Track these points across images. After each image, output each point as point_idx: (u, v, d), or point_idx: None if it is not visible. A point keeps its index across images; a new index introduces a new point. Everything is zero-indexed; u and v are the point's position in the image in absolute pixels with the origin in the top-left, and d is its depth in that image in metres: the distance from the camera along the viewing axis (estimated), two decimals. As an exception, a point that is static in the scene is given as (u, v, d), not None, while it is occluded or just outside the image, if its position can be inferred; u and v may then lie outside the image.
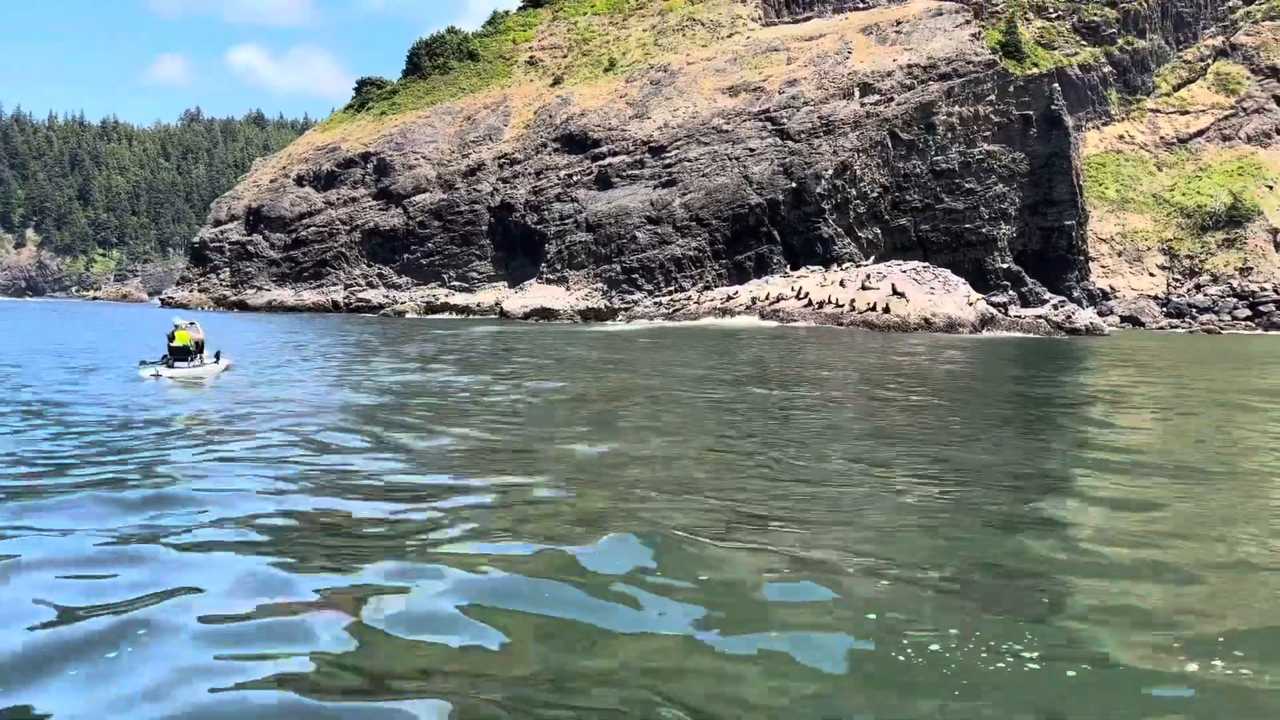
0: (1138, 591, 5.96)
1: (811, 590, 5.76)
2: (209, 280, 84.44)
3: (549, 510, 7.96)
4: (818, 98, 68.29)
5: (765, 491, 8.74)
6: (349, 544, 6.88)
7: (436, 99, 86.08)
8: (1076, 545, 7.09)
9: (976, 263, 63.14)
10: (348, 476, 9.39)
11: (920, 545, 6.94)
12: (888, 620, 5.24)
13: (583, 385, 20.10)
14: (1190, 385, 23.57)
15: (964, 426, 14.50)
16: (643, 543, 6.67)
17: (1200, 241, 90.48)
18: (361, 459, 10.42)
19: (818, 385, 21.01)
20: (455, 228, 74.79)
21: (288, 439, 11.67)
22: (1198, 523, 7.92)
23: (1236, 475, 10.54)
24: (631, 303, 62.36)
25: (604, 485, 9.00)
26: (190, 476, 9.18)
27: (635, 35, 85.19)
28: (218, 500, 8.15)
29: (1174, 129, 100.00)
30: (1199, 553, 6.86)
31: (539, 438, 12.29)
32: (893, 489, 9.06)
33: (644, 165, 70.02)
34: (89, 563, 6.28)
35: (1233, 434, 14.40)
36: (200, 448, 10.97)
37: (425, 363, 24.93)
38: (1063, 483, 10.09)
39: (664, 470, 9.83)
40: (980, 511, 8.18)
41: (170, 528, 7.20)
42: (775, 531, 7.21)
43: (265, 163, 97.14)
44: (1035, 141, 66.06)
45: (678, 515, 7.63)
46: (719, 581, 5.92)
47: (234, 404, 15.56)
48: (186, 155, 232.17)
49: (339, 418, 13.99)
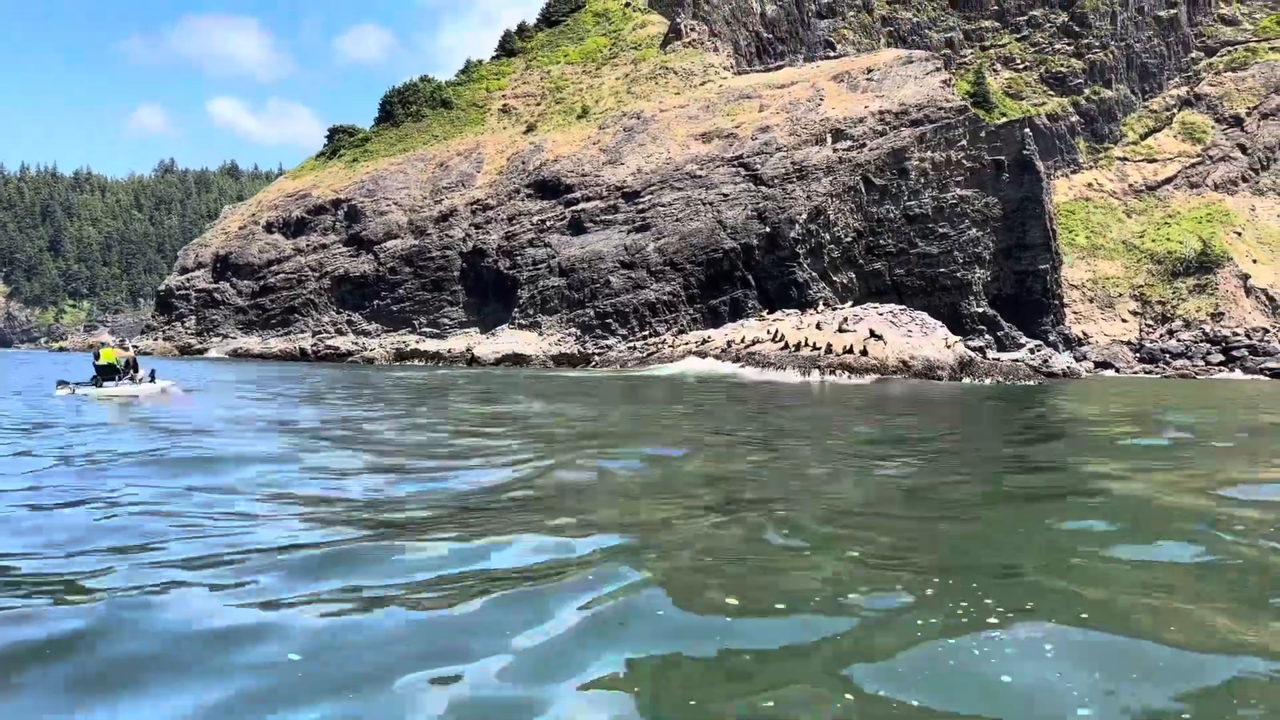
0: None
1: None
2: (174, 328, 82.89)
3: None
4: (790, 143, 68.34)
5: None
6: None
7: (409, 146, 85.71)
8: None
9: (952, 307, 62.80)
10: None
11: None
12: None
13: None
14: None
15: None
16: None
17: (1171, 287, 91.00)
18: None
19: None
20: (427, 273, 73.86)
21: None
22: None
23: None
24: (605, 347, 61.44)
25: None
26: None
27: (608, 83, 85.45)
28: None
29: (1142, 177, 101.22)
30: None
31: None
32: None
33: (617, 210, 69.61)
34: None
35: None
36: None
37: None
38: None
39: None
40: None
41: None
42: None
43: (235, 210, 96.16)
44: (1008, 186, 66.23)
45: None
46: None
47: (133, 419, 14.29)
48: (160, 206, 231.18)
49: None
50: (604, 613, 4.70)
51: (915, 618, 4.68)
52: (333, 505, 7.82)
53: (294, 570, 5.45)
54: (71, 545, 6.06)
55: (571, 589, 5.09)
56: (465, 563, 5.76)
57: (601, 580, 5.27)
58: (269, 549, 5.97)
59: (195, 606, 4.69)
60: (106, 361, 21.08)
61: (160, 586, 5.03)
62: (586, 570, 5.50)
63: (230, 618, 4.53)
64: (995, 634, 4.39)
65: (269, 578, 5.27)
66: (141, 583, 5.11)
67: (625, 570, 5.49)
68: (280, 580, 5.24)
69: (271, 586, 5.10)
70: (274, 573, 5.37)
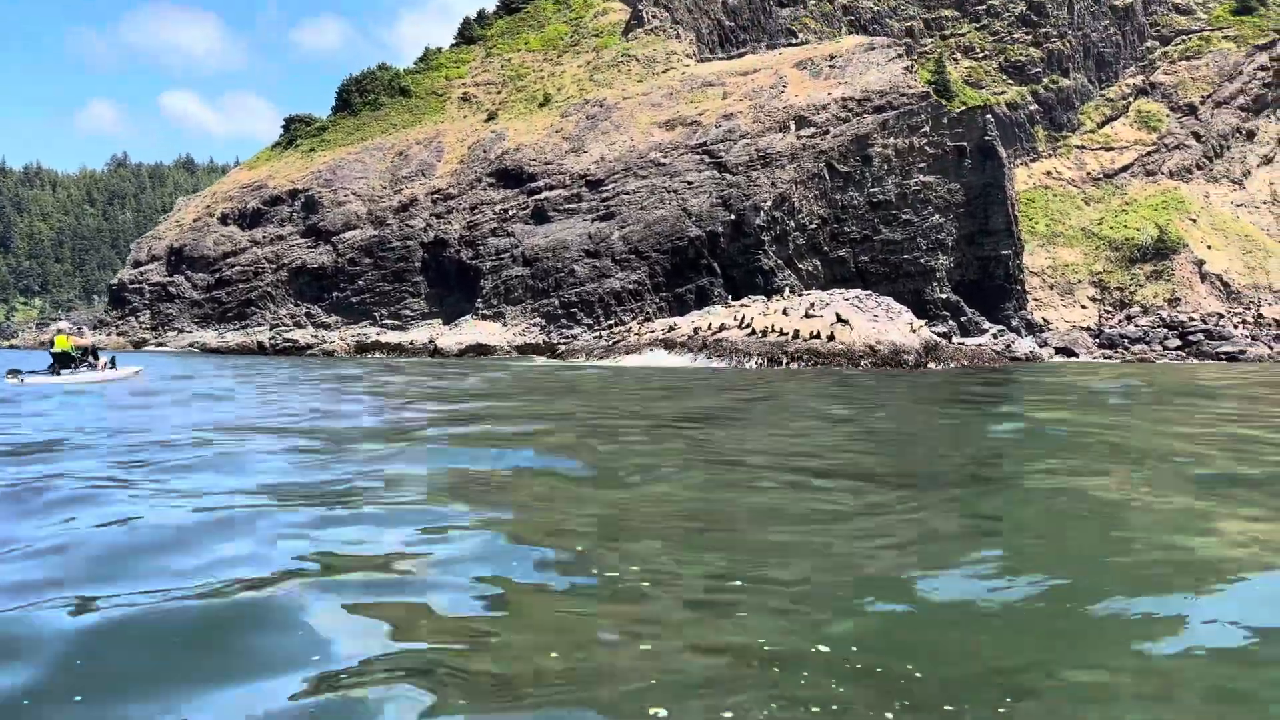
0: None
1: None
2: (127, 323, 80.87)
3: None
4: (754, 131, 68.02)
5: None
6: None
7: (367, 135, 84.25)
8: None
9: (916, 293, 62.89)
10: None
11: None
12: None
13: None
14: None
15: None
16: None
17: (1129, 274, 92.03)
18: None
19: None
20: (387, 264, 72.63)
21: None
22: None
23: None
24: (571, 337, 60.77)
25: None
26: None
27: (570, 71, 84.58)
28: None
29: (1100, 165, 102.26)
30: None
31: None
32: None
33: (581, 199, 68.90)
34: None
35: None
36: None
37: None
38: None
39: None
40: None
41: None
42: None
43: (189, 202, 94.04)
44: (970, 172, 66.46)
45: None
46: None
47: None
48: (113, 201, 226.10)
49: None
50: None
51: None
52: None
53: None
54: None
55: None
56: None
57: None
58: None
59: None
60: (61, 349, 20.35)
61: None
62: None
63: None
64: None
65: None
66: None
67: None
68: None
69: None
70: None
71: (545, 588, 4.64)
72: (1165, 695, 3.33)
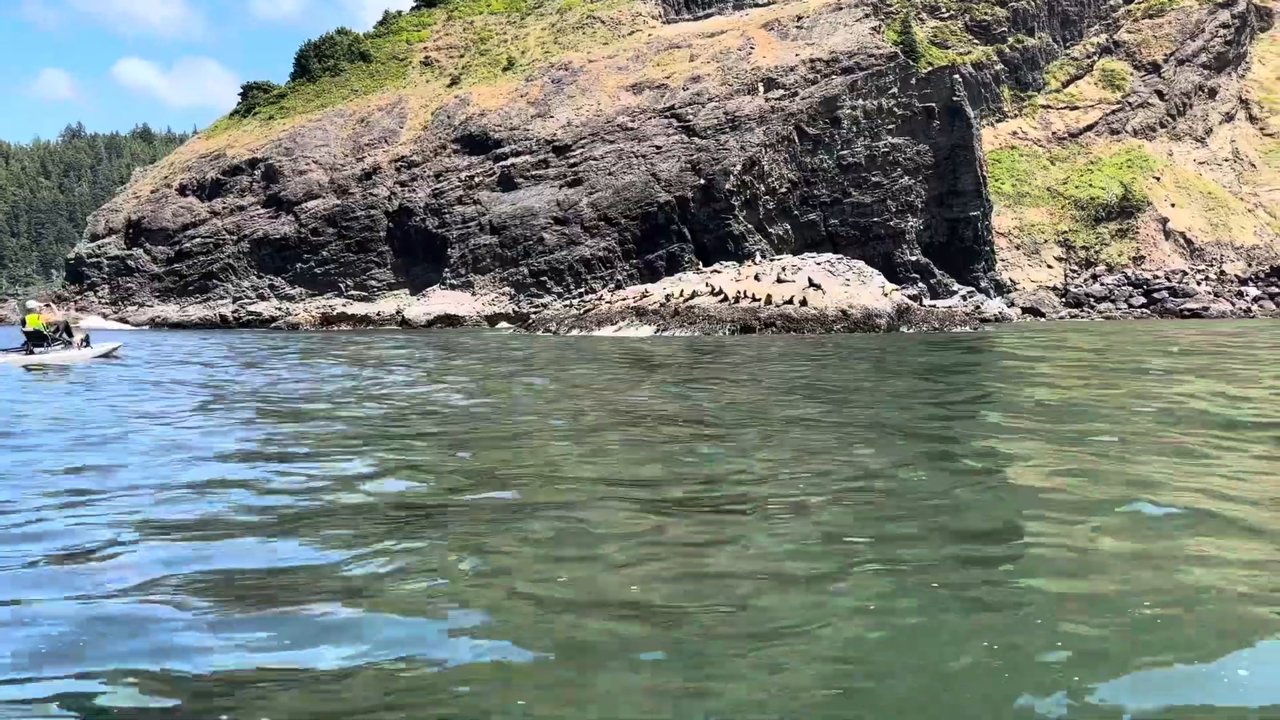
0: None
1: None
2: (86, 298, 79.07)
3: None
4: (722, 94, 67.33)
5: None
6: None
7: (327, 102, 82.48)
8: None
9: (886, 256, 62.85)
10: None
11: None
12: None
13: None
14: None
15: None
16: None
17: (1094, 233, 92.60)
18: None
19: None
20: (351, 234, 71.41)
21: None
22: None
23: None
24: (541, 306, 60.21)
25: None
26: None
27: (534, 34, 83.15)
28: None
29: (1065, 124, 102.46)
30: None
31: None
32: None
33: (548, 165, 67.99)
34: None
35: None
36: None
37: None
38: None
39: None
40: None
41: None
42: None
43: (146, 173, 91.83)
44: (938, 133, 66.26)
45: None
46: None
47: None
48: (68, 172, 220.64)
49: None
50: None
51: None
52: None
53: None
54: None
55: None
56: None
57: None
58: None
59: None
60: (33, 328, 19.92)
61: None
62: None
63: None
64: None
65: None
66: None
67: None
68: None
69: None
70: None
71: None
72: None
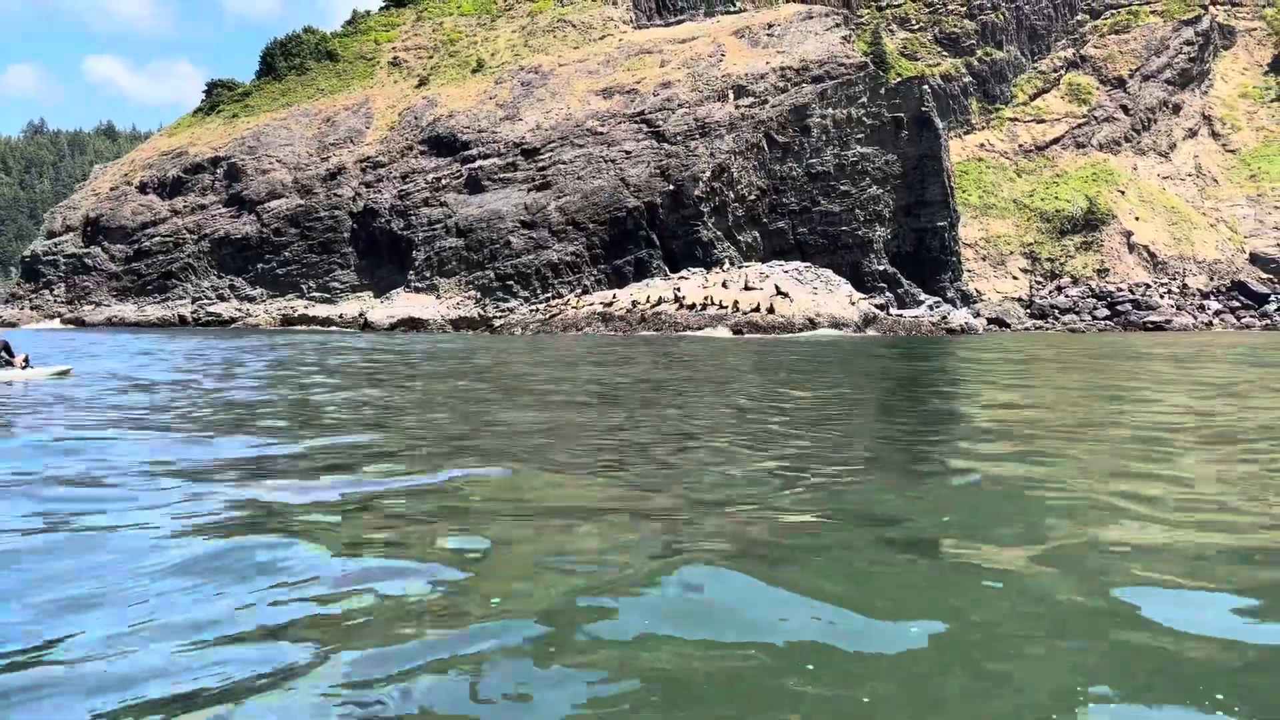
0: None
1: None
2: (42, 296, 77.29)
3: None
4: (692, 100, 67.06)
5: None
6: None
7: (292, 100, 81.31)
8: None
9: (853, 265, 62.82)
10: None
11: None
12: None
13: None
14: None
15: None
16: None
17: (1060, 245, 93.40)
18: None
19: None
20: (314, 235, 70.30)
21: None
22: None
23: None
24: (507, 310, 59.52)
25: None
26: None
27: (504, 36, 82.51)
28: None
29: (1031, 137, 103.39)
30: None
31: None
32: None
33: (516, 168, 67.34)
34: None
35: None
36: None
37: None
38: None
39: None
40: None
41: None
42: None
43: (105, 170, 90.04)
44: (907, 143, 66.39)
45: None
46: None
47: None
48: (29, 169, 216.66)
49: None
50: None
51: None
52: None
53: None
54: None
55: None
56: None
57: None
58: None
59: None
60: None
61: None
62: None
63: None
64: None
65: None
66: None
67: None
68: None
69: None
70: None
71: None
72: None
